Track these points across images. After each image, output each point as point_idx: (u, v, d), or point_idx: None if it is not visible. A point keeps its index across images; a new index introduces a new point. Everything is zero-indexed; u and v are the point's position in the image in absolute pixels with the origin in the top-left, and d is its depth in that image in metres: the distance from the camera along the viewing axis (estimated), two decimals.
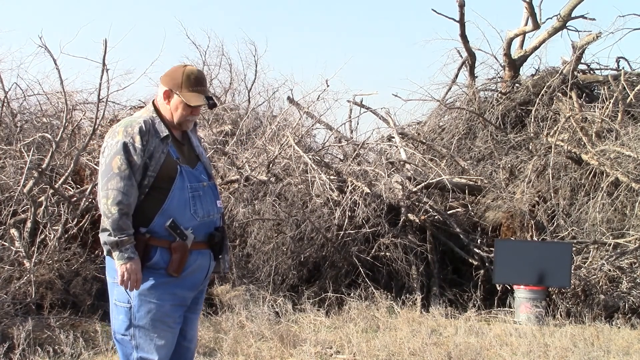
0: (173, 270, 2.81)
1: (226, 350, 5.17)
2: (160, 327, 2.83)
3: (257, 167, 8.11)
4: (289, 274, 7.36)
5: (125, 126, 2.86)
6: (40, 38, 6.47)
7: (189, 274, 2.89)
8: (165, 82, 2.98)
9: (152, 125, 2.90)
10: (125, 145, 2.80)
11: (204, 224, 2.93)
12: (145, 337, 2.82)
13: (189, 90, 2.94)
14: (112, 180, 2.76)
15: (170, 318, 2.86)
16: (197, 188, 2.93)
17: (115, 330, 2.88)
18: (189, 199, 2.88)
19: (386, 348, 5.35)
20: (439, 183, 8.40)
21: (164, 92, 2.97)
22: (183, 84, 2.94)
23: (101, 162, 2.85)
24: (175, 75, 2.96)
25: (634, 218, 7.84)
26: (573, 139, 8.77)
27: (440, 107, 11.16)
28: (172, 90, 2.95)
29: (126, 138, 2.81)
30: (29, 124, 8.02)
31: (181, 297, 2.89)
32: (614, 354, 5.54)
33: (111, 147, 2.82)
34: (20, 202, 6.55)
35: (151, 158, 2.83)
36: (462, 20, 10.41)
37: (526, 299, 7.01)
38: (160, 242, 2.81)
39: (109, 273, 2.89)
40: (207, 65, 11.65)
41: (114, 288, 2.87)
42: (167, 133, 2.92)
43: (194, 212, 2.89)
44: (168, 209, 2.84)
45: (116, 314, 2.88)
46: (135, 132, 2.83)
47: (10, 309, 5.41)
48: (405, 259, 7.61)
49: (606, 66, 11.33)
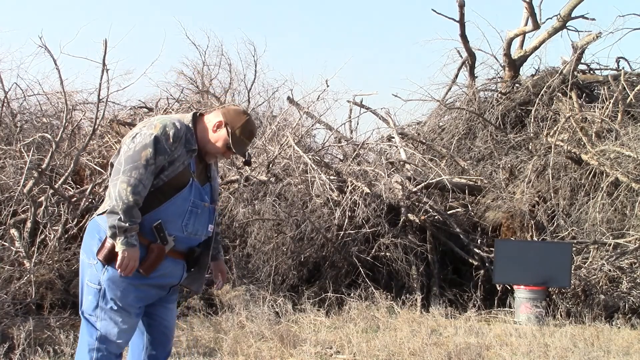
0: (144, 268, 2.89)
1: (226, 350, 5.17)
2: (124, 314, 2.92)
3: (257, 167, 8.11)
4: (289, 274, 7.36)
5: (165, 124, 2.92)
6: (40, 38, 6.49)
7: (158, 276, 2.96)
8: (225, 116, 3.06)
9: (185, 134, 2.97)
10: (158, 141, 2.86)
11: (188, 239, 3.01)
12: (109, 320, 2.91)
13: (240, 136, 3.05)
14: (138, 170, 2.82)
15: (133, 308, 2.95)
16: (198, 205, 3.00)
17: (84, 310, 2.97)
18: (186, 212, 2.96)
19: (386, 348, 5.35)
20: (439, 183, 8.40)
21: (218, 121, 3.04)
22: (239, 128, 3.04)
23: (129, 146, 2.88)
24: (237, 118, 3.06)
25: (634, 218, 7.84)
26: (573, 139, 8.78)
27: (440, 107, 11.16)
28: (228, 125, 3.03)
29: (161, 135, 2.88)
30: (29, 124, 8.02)
31: (146, 292, 2.97)
32: (614, 354, 5.53)
33: (144, 136, 2.87)
34: (20, 202, 6.55)
35: (171, 163, 2.91)
36: (462, 20, 10.42)
37: (526, 299, 7.01)
38: (142, 238, 2.88)
39: (86, 253, 2.97)
40: (206, 65, 11.68)
41: (87, 268, 2.96)
42: (195, 148, 3.00)
43: (184, 225, 2.96)
44: (163, 212, 2.91)
45: (86, 293, 2.96)
46: (171, 133, 2.90)
47: (10, 309, 5.40)
48: (405, 259, 7.61)
49: (606, 66, 11.35)
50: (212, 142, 3.04)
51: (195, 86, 11.77)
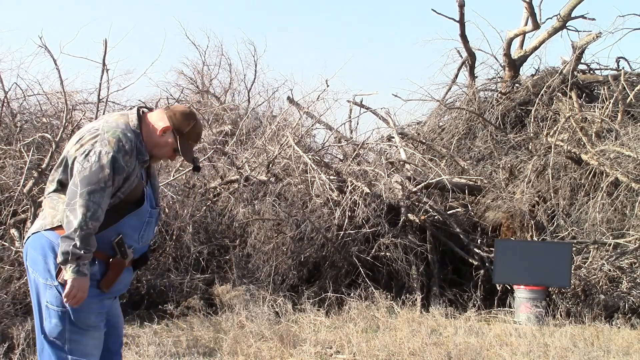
0: (105, 285, 2.82)
1: (226, 350, 5.17)
2: (92, 331, 2.83)
3: (256, 167, 8.11)
4: (289, 274, 7.36)
5: (117, 137, 2.76)
6: (40, 38, 6.50)
7: (115, 290, 2.92)
8: (171, 120, 2.91)
9: (137, 143, 2.83)
10: (116, 160, 2.72)
11: (143, 248, 2.98)
12: (78, 342, 2.81)
13: (188, 140, 2.94)
14: (95, 193, 2.67)
15: (102, 322, 2.87)
16: (153, 214, 2.95)
17: (47, 333, 2.82)
18: (144, 223, 2.90)
19: (386, 348, 5.35)
20: (439, 183, 8.40)
21: (165, 127, 2.89)
22: (187, 134, 2.92)
23: (83, 165, 2.70)
24: (185, 122, 2.91)
25: (634, 218, 7.84)
26: (573, 139, 8.77)
27: (440, 107, 11.16)
28: (175, 131, 2.90)
29: (117, 153, 2.73)
30: (29, 124, 8.01)
31: (107, 305, 2.91)
32: (614, 354, 5.54)
33: (99, 155, 2.71)
34: (20, 202, 6.54)
35: (127, 179, 2.79)
36: (462, 20, 10.41)
37: (526, 299, 7.01)
38: (101, 254, 2.78)
39: (39, 272, 2.81)
40: (206, 65, 11.69)
41: (46, 289, 2.80)
42: (147, 158, 2.89)
43: (141, 236, 2.91)
44: (121, 227, 2.82)
45: (47, 316, 2.81)
46: (126, 147, 2.76)
47: (10, 309, 5.41)
48: (405, 259, 7.61)
49: (606, 66, 11.33)
50: (159, 146, 2.91)
51: (195, 86, 11.79)
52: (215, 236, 7.74)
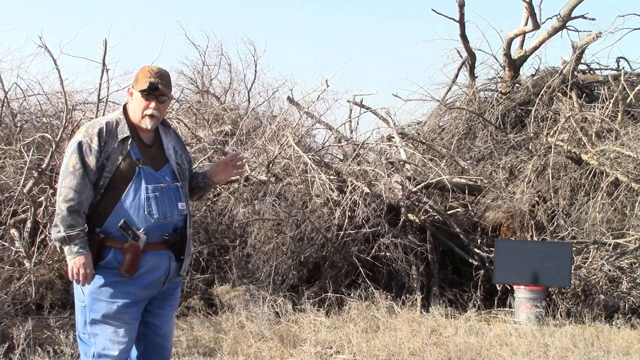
0: (125, 270, 2.86)
1: (226, 350, 5.17)
2: (115, 324, 2.87)
3: (257, 167, 8.11)
4: (289, 274, 7.36)
5: (87, 127, 2.94)
6: (40, 38, 6.50)
7: (143, 273, 2.91)
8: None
9: (115, 126, 2.95)
10: (80, 145, 2.87)
11: (160, 226, 2.93)
12: (101, 334, 2.87)
13: (142, 79, 3.00)
14: (66, 179, 2.84)
15: (126, 314, 2.88)
16: (156, 190, 2.94)
17: (78, 330, 2.94)
18: (145, 200, 2.90)
19: (386, 348, 5.35)
20: (439, 183, 8.40)
21: (127, 91, 3.06)
22: (139, 78, 3.01)
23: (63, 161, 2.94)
24: (137, 76, 3.03)
25: (634, 218, 7.84)
26: (573, 139, 8.77)
27: (440, 107, 11.16)
28: (132, 86, 3.04)
29: (84, 138, 2.89)
30: (29, 124, 8.01)
31: (134, 294, 2.91)
32: (614, 354, 5.54)
33: (70, 146, 2.91)
34: (20, 202, 6.55)
35: (108, 159, 2.89)
36: (462, 20, 10.41)
37: (526, 299, 7.01)
38: (114, 242, 2.86)
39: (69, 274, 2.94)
40: (206, 65, 11.68)
41: (74, 289, 2.96)
42: (127, 134, 2.95)
43: (148, 213, 2.91)
44: (121, 209, 2.88)
45: (76, 313, 2.96)
46: (94, 132, 2.90)
47: (10, 309, 5.41)
48: (405, 259, 7.61)
49: (606, 66, 11.35)
50: (136, 110, 2.99)
51: (195, 86, 11.77)
52: (215, 236, 7.74)
